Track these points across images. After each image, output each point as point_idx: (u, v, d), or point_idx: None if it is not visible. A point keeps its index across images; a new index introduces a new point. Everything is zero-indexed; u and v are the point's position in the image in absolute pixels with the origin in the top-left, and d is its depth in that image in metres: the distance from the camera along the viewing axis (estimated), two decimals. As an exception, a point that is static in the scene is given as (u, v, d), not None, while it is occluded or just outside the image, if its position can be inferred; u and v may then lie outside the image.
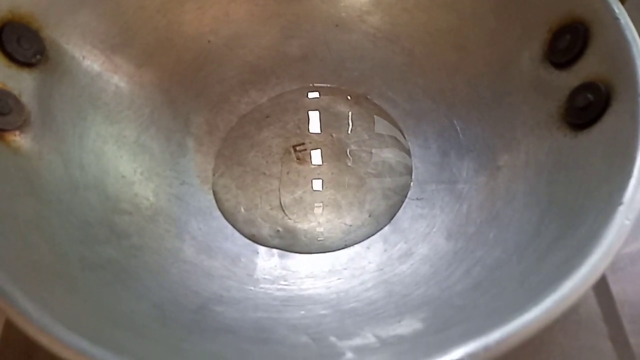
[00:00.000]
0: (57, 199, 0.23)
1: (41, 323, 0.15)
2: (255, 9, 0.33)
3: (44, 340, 0.15)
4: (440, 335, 0.18)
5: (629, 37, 0.22)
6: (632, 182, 0.19)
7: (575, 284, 0.17)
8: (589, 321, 0.27)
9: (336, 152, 0.31)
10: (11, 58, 0.23)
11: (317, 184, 0.29)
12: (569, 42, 0.24)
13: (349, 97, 0.33)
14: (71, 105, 0.26)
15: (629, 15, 0.23)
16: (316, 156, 0.30)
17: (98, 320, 0.18)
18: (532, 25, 0.26)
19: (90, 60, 0.27)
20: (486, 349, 0.16)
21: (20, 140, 0.23)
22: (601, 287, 0.28)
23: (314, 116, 0.32)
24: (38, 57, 0.24)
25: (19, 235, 0.19)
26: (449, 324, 0.19)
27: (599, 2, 0.23)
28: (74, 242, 0.22)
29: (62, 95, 0.25)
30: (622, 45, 0.22)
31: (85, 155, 0.26)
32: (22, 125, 0.23)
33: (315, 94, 0.33)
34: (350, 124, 0.32)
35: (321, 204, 0.29)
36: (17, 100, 0.23)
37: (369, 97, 0.32)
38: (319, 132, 0.31)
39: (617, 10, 0.23)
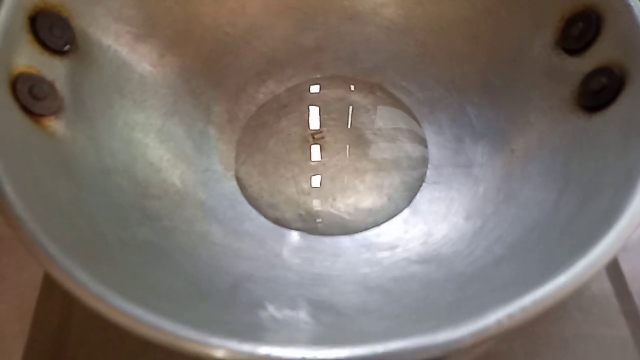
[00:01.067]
0: (91, 183, 0.23)
1: (98, 292, 0.16)
2: (270, 2, 0.33)
3: (102, 308, 0.16)
4: (472, 303, 0.19)
5: (642, 22, 0.23)
6: (650, 157, 0.20)
7: (603, 250, 0.18)
8: (601, 297, 0.28)
9: (353, 140, 0.31)
10: (44, 46, 0.24)
11: (335, 170, 0.30)
12: (582, 29, 0.25)
13: (360, 87, 0.33)
14: (99, 94, 0.26)
15: None
16: (334, 143, 0.31)
17: (144, 293, 0.19)
18: (544, 14, 0.27)
19: (115, 50, 0.28)
20: (523, 309, 0.16)
21: (55, 125, 0.23)
22: (612, 265, 0.29)
23: (330, 105, 0.33)
24: (69, 45, 0.25)
25: (64, 216, 0.20)
26: (478, 294, 0.20)
27: (611, -11, 0.24)
28: (111, 223, 0.22)
29: (91, 83, 0.26)
30: (635, 30, 0.23)
31: (115, 142, 0.26)
32: (56, 111, 0.23)
33: (331, 84, 0.34)
34: (366, 112, 0.32)
35: (340, 189, 0.30)
36: (51, 87, 0.23)
37: (383, 86, 0.33)
38: (336, 120, 0.32)
39: (627, -4, 0.24)
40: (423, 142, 0.31)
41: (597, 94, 0.24)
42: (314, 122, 0.32)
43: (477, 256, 0.23)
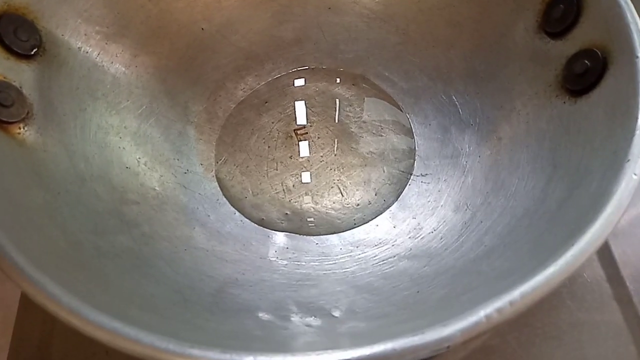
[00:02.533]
0: (65, 190, 0.22)
1: (71, 306, 0.15)
2: (246, -5, 0.32)
3: (75, 322, 0.15)
4: (463, 298, 0.19)
5: (622, 2, 0.23)
6: (636, 139, 0.20)
7: (592, 237, 0.17)
8: (594, 283, 0.28)
9: (337, 134, 0.31)
10: (9, 50, 0.23)
11: (321, 166, 0.29)
12: (563, 11, 0.25)
13: (343, 79, 0.33)
14: (70, 97, 0.25)
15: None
16: (318, 139, 0.31)
17: (123, 304, 0.18)
18: (525, -4, 0.27)
19: (86, 51, 0.27)
20: (511, 303, 0.16)
21: (24, 132, 0.22)
22: (604, 250, 0.28)
23: (313, 99, 0.32)
24: (36, 48, 0.24)
25: (35, 226, 0.19)
26: (469, 287, 0.19)
27: (590, -30, 0.24)
28: (87, 231, 0.21)
29: (61, 87, 0.25)
30: (615, 11, 0.23)
31: (89, 147, 0.25)
32: (25, 118, 0.22)
33: (312, 77, 0.33)
34: (350, 105, 0.32)
35: (327, 186, 0.29)
36: (19, 92, 0.22)
37: (366, 77, 0.32)
38: (319, 114, 0.31)
39: (607, -23, 0.23)
40: (409, 133, 0.30)
41: (581, 76, 0.24)
42: (297, 118, 0.32)
43: (467, 248, 0.23)
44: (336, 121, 0.31)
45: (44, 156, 0.23)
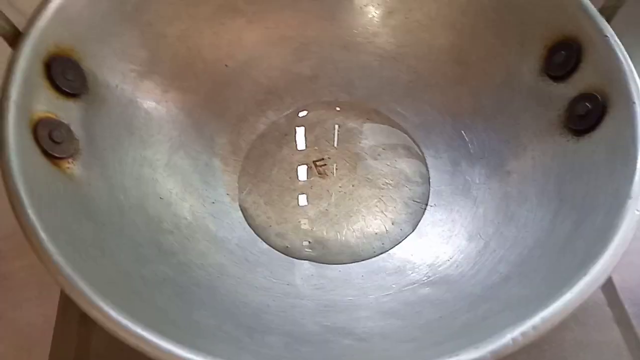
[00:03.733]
0: (109, 222, 0.24)
1: (140, 333, 0.17)
2: (266, 33, 0.35)
3: (145, 348, 0.17)
4: (486, 323, 0.20)
5: (619, 52, 0.25)
6: (637, 178, 0.22)
7: (602, 267, 0.19)
8: (595, 307, 0.30)
9: (354, 166, 0.33)
10: (59, 90, 0.24)
11: (339, 197, 0.31)
12: (564, 57, 0.27)
13: (357, 113, 0.35)
14: (109, 133, 0.27)
15: (616, 29, 0.26)
16: (336, 170, 0.32)
17: (176, 328, 0.19)
18: (529, 41, 0.29)
19: (122, 88, 0.29)
20: (534, 327, 0.18)
21: (73, 167, 0.24)
22: (603, 276, 0.31)
23: (330, 132, 0.34)
24: (80, 87, 0.26)
25: (90, 257, 0.20)
26: (491, 313, 0.21)
27: (588, 22, 0.26)
28: (131, 261, 0.23)
29: (101, 123, 0.27)
30: (613, 59, 0.25)
31: (126, 180, 0.27)
32: (73, 154, 0.24)
33: (328, 112, 0.35)
34: (365, 138, 0.34)
35: (346, 215, 0.31)
36: (68, 130, 0.24)
37: (379, 111, 0.34)
38: (336, 147, 0.33)
39: (605, 29, 0.26)
40: (422, 165, 0.32)
41: (583, 117, 0.26)
42: (315, 150, 0.33)
43: (483, 276, 0.25)
44: (350, 153, 0.33)
45: (88, 189, 0.24)
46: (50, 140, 0.22)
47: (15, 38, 0.23)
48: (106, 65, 0.28)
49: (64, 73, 0.24)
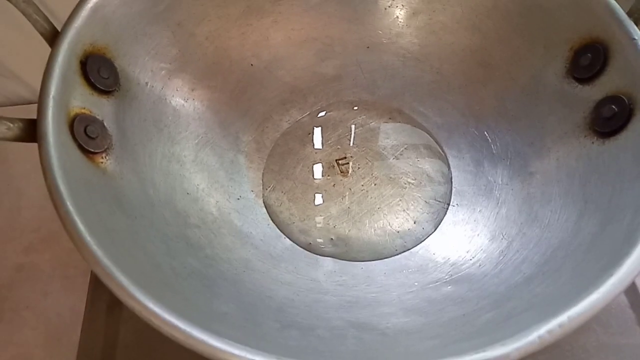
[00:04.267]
0: (140, 215, 0.25)
1: (170, 321, 0.17)
2: (292, 33, 0.35)
3: (178, 336, 0.17)
4: (511, 322, 0.21)
5: (646, 54, 0.25)
6: (664, 181, 0.22)
7: (629, 268, 0.19)
8: (618, 309, 0.30)
9: (376, 165, 0.33)
10: (94, 87, 0.25)
11: (362, 195, 0.32)
12: (591, 60, 0.27)
13: (380, 113, 0.35)
14: (140, 129, 0.28)
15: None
16: (358, 169, 0.33)
17: (206, 319, 0.20)
18: (554, 44, 0.29)
19: (152, 86, 0.29)
20: (561, 325, 0.18)
21: (106, 162, 0.24)
22: (626, 278, 0.30)
23: (353, 131, 0.35)
24: (113, 84, 0.26)
25: (124, 249, 0.21)
26: (514, 312, 0.21)
27: (617, 25, 0.26)
28: (162, 254, 0.24)
29: (132, 119, 0.27)
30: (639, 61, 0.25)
31: (156, 175, 0.27)
32: (107, 149, 0.25)
33: (351, 111, 0.36)
34: (387, 137, 0.34)
35: (368, 213, 0.31)
36: (102, 125, 0.25)
37: (402, 111, 0.35)
38: (358, 146, 0.34)
39: (633, 32, 0.26)
40: (444, 165, 0.32)
41: (609, 120, 0.26)
42: (338, 148, 0.34)
43: (506, 276, 0.25)
44: (372, 152, 0.34)
45: (121, 183, 0.25)
46: (86, 135, 0.23)
47: (53, 37, 0.24)
48: (138, 63, 0.28)
49: (99, 70, 0.25)
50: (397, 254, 0.29)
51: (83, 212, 0.20)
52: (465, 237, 0.29)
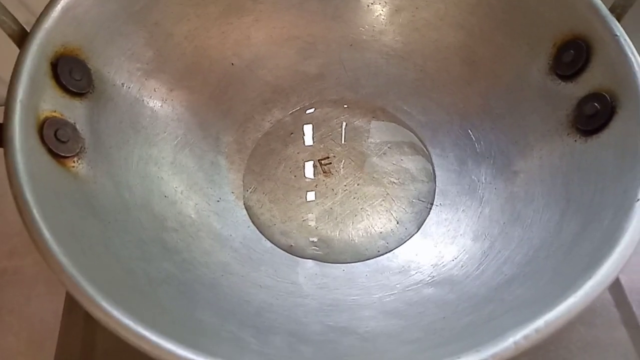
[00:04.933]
0: (114, 220, 0.24)
1: (141, 333, 0.17)
2: (273, 32, 0.34)
3: (145, 347, 0.17)
4: (489, 325, 0.20)
5: (629, 52, 0.25)
6: (645, 180, 0.22)
7: (607, 270, 0.19)
8: (603, 308, 0.29)
9: (359, 164, 0.33)
10: (65, 89, 0.24)
11: (344, 195, 0.31)
12: (573, 56, 0.27)
13: (363, 112, 0.35)
14: (115, 131, 0.27)
15: (626, 28, 0.26)
16: (341, 169, 0.32)
17: (178, 328, 0.19)
18: (538, 40, 0.29)
19: (128, 87, 0.29)
20: (537, 330, 0.18)
21: (78, 166, 0.24)
22: (611, 277, 0.30)
23: (335, 131, 0.34)
24: (86, 86, 0.26)
25: (95, 255, 0.21)
26: (494, 315, 0.21)
27: (598, 21, 0.26)
28: (136, 259, 0.23)
29: (107, 121, 0.27)
30: (622, 59, 0.25)
31: (131, 178, 0.27)
32: (79, 152, 0.24)
33: (334, 110, 0.35)
34: (370, 136, 0.34)
35: (351, 214, 0.31)
36: (73, 128, 0.24)
37: (386, 109, 0.34)
38: (342, 145, 0.33)
39: (615, 28, 0.25)
40: (428, 164, 0.32)
41: (591, 118, 0.26)
42: (320, 148, 0.33)
43: (488, 277, 0.25)
44: (355, 151, 0.33)
45: (94, 187, 0.24)
46: (56, 139, 0.23)
47: (22, 38, 0.23)
48: (113, 64, 0.28)
49: (71, 72, 0.25)
50: (379, 256, 0.29)
51: (50, 219, 0.19)
52: (448, 238, 0.29)
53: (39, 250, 0.18)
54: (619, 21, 0.26)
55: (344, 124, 0.34)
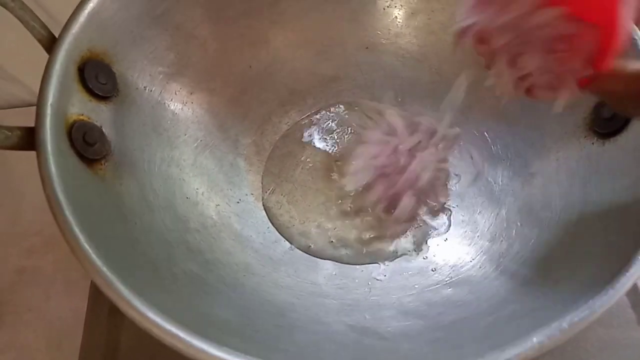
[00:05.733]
0: (140, 221, 0.25)
1: (171, 331, 0.17)
2: (291, 35, 0.35)
3: (179, 346, 0.17)
4: (511, 326, 0.21)
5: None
6: (664, 183, 0.22)
7: (630, 273, 0.19)
8: (619, 309, 0.30)
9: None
10: (92, 93, 0.25)
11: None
12: (591, 59, 0.27)
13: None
14: (139, 134, 0.28)
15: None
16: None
17: (207, 326, 0.20)
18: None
19: (150, 90, 0.29)
20: (561, 331, 0.18)
21: (105, 168, 0.24)
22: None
23: (351, 132, 0.34)
24: (112, 90, 0.26)
25: (125, 255, 0.21)
26: (515, 316, 0.21)
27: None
28: (162, 259, 0.24)
29: (131, 124, 0.27)
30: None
31: (155, 180, 0.27)
32: (106, 155, 0.25)
33: (350, 112, 0.35)
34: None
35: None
36: (100, 132, 0.25)
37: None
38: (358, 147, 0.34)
39: (633, 32, 0.25)
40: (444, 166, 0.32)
41: (609, 121, 0.26)
42: (337, 150, 0.34)
43: (506, 278, 0.25)
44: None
45: (120, 190, 0.25)
46: (84, 142, 0.23)
47: (50, 44, 0.24)
48: (136, 68, 0.28)
49: (97, 76, 0.25)
50: (397, 258, 0.29)
51: (82, 221, 0.20)
52: (466, 239, 0.29)
53: (73, 251, 0.19)
54: (637, 25, 0.26)
55: (360, 125, 0.35)
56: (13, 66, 0.40)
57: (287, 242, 0.30)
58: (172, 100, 0.31)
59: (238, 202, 0.31)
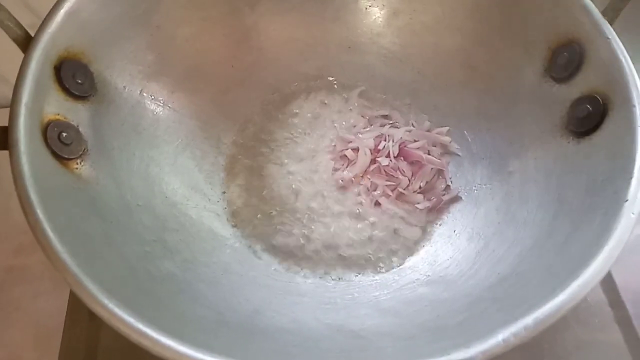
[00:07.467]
0: (116, 220, 0.25)
1: (142, 330, 0.18)
2: (273, 34, 0.35)
3: (149, 346, 0.17)
4: (482, 323, 0.21)
5: (620, 55, 0.25)
6: (634, 181, 0.22)
7: (596, 269, 0.20)
8: (597, 307, 0.30)
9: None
10: (69, 92, 0.25)
11: (345, 196, 0.32)
12: (567, 59, 0.27)
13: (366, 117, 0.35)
14: (117, 133, 0.28)
15: (618, 32, 0.26)
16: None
17: (180, 324, 0.20)
18: (533, 43, 0.29)
19: (130, 90, 0.29)
20: (526, 328, 0.18)
21: (81, 167, 0.24)
22: (606, 277, 0.30)
23: (333, 132, 0.35)
24: (89, 89, 0.26)
25: (97, 254, 0.21)
26: (486, 313, 0.22)
27: (591, 24, 0.26)
28: (138, 258, 0.24)
29: (109, 123, 0.27)
30: (614, 62, 0.25)
31: (133, 179, 0.28)
32: (82, 154, 0.25)
33: (331, 111, 0.36)
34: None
35: (346, 216, 0.31)
36: (77, 131, 0.25)
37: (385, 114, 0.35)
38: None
39: (607, 31, 0.26)
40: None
41: (584, 119, 0.26)
42: (319, 149, 0.34)
43: (482, 276, 0.25)
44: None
45: (97, 188, 0.25)
46: (60, 141, 0.23)
47: (26, 42, 0.24)
48: (115, 68, 0.28)
49: (74, 76, 0.25)
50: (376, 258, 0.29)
51: (54, 219, 0.20)
52: (444, 237, 0.29)
53: (43, 250, 0.19)
54: (611, 24, 0.26)
55: (343, 125, 0.35)
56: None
57: (265, 241, 0.30)
58: (152, 99, 0.31)
59: (218, 202, 0.31)
